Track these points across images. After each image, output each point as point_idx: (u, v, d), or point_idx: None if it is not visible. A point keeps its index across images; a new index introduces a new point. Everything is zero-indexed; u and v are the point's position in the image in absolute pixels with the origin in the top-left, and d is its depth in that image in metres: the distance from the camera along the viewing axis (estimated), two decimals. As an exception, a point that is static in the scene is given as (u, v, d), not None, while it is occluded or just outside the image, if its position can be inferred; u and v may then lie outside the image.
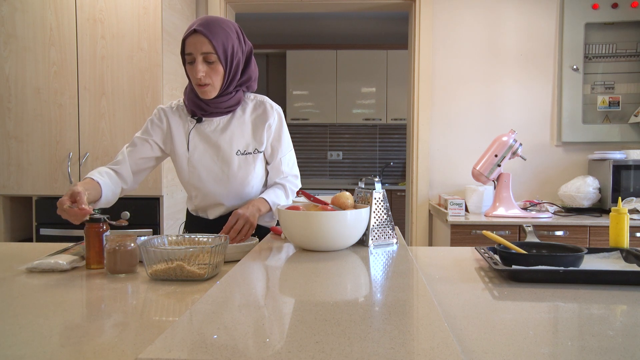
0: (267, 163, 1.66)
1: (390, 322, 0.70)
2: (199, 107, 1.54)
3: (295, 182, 1.67)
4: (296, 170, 1.70)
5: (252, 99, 1.63)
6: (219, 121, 1.57)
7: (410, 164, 3.27)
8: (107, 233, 1.30)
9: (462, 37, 3.14)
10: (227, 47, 1.46)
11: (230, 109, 1.56)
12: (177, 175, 1.66)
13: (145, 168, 1.62)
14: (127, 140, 2.69)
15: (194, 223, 1.72)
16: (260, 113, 1.60)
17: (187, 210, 1.77)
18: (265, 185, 1.69)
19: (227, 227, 1.45)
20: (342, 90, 5.29)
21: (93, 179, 1.46)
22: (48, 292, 1.07)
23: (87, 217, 1.26)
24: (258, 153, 1.60)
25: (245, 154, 1.58)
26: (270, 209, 1.57)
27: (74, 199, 1.25)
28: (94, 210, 1.28)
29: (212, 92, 1.49)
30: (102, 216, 1.29)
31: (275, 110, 1.62)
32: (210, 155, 1.58)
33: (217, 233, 1.53)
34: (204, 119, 1.57)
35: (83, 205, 1.23)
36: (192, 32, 1.43)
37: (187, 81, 1.59)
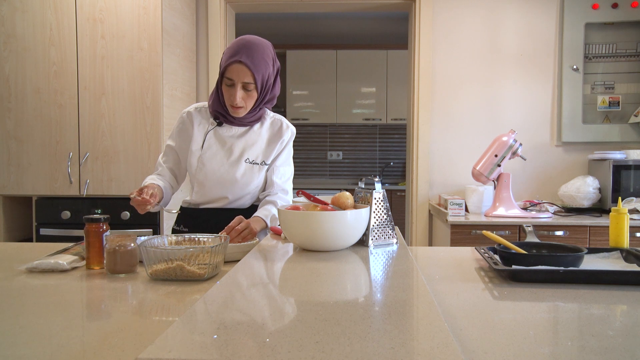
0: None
1: (390, 322, 0.70)
2: (224, 117, 1.67)
3: (285, 197, 1.74)
4: (288, 187, 1.77)
5: (271, 117, 1.77)
6: (237, 129, 1.71)
7: (410, 164, 3.27)
8: (107, 233, 1.31)
9: (462, 37, 3.14)
10: (264, 77, 1.59)
11: (250, 124, 1.71)
12: (187, 168, 1.74)
13: (183, 170, 1.78)
14: (127, 140, 2.71)
15: (186, 214, 1.78)
16: (276, 130, 1.74)
17: (180, 207, 1.83)
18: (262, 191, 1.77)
19: (230, 227, 1.48)
20: (342, 90, 5.29)
21: (154, 183, 1.62)
22: (48, 292, 1.07)
23: (149, 208, 1.46)
24: (265, 165, 1.72)
25: (253, 163, 1.70)
26: (266, 225, 1.64)
27: (141, 191, 1.46)
28: (154, 205, 1.48)
29: (243, 113, 1.63)
30: (102, 216, 1.29)
31: (290, 130, 1.76)
32: (221, 157, 1.68)
33: (207, 223, 1.62)
34: (224, 124, 1.69)
35: (144, 195, 1.43)
36: (237, 62, 1.52)
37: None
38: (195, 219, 1.73)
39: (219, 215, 1.69)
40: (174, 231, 1.79)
